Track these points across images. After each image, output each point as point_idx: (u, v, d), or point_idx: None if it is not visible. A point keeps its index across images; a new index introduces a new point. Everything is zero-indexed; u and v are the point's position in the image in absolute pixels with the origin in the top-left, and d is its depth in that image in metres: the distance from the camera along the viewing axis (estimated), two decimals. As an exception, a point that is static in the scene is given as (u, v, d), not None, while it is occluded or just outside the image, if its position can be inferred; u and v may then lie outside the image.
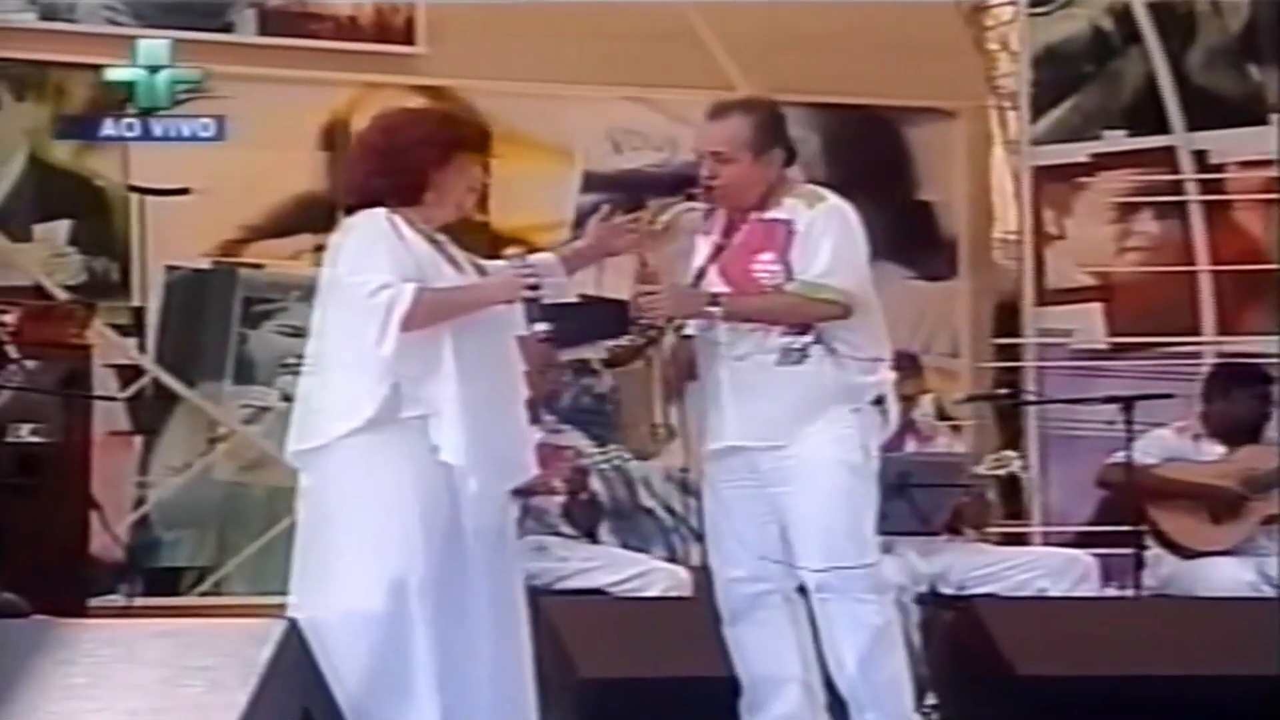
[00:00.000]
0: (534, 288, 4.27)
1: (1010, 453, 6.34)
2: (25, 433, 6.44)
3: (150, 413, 7.36)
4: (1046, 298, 7.95)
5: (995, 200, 8.32)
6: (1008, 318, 8.13)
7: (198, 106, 7.07)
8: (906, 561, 5.98)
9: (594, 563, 6.00)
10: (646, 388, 4.56)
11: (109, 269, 7.45)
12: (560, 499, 6.05)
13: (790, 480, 4.59)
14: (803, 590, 4.68)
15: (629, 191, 7.38)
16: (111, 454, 7.13)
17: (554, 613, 5.25)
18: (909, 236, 8.04)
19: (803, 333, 4.59)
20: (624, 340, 4.61)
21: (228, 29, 7.48)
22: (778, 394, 4.58)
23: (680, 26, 7.67)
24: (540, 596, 5.53)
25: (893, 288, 7.91)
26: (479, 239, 4.76)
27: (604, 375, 4.89)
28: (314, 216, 7.25)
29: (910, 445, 6.23)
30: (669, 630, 5.20)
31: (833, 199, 4.67)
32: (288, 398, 5.76)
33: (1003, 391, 7.35)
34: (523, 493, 5.74)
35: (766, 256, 4.59)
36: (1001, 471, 6.25)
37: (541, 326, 4.27)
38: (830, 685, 4.68)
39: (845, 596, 4.58)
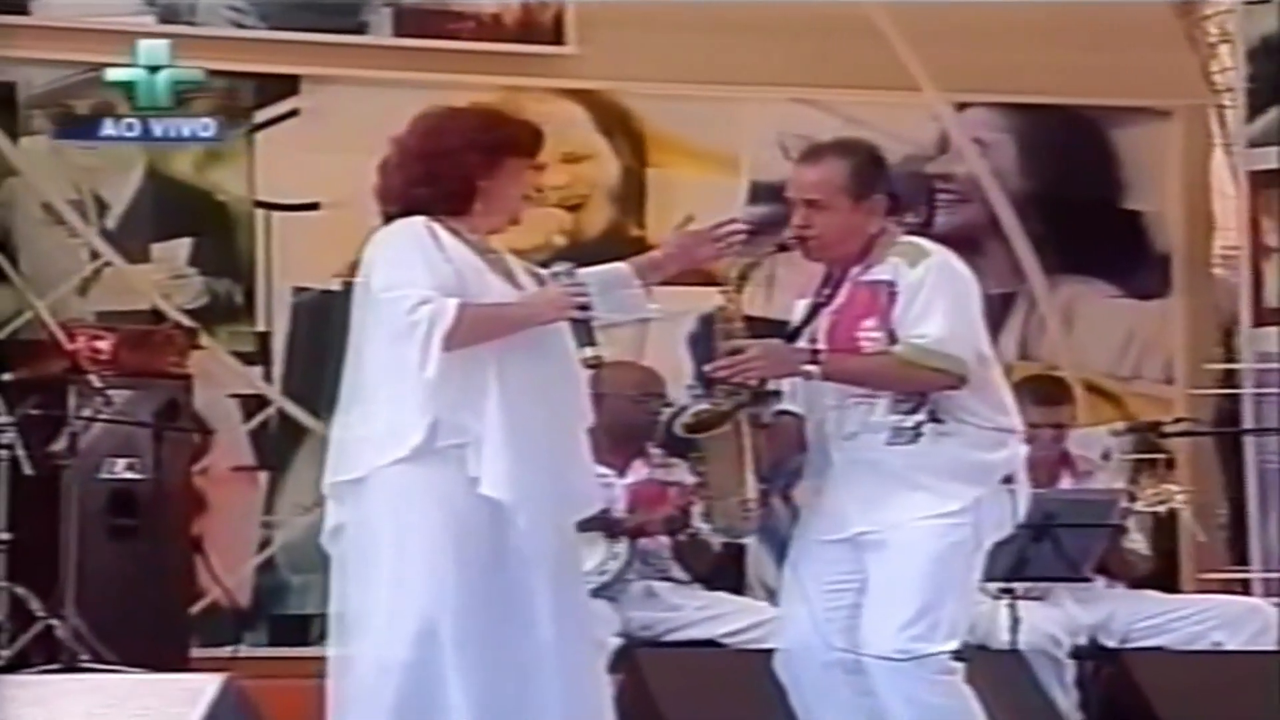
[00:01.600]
0: (584, 306, 4.11)
1: (1172, 486, 6.10)
2: (120, 468, 6.31)
3: (276, 446, 7.23)
4: (1264, 317, 7.66)
5: (1215, 209, 7.99)
6: (1222, 340, 7.88)
7: (334, 113, 7.02)
8: (1063, 611, 5.82)
9: (709, 611, 5.86)
10: (736, 459, 4.35)
11: (232, 291, 7.30)
12: (669, 540, 5.89)
13: (881, 551, 4.40)
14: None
15: None
16: (234, 491, 7.03)
17: (655, 667, 5.11)
18: (1116, 250, 7.79)
19: (915, 409, 4.40)
20: (706, 404, 4.40)
21: (361, 30, 7.34)
22: (895, 478, 4.39)
23: (857, 20, 7.48)
24: (646, 649, 5.55)
25: (1097, 306, 7.82)
26: (634, 254, 4.56)
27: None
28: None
29: (1065, 481, 6.03)
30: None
31: (937, 253, 4.47)
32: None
33: (1171, 421, 7.10)
34: (629, 533, 5.75)
35: (870, 322, 4.41)
36: (1161, 508, 5.99)
37: (590, 351, 4.10)
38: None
39: (909, 675, 4.37)
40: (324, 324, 7.21)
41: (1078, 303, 7.76)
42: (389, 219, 4.17)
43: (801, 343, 4.45)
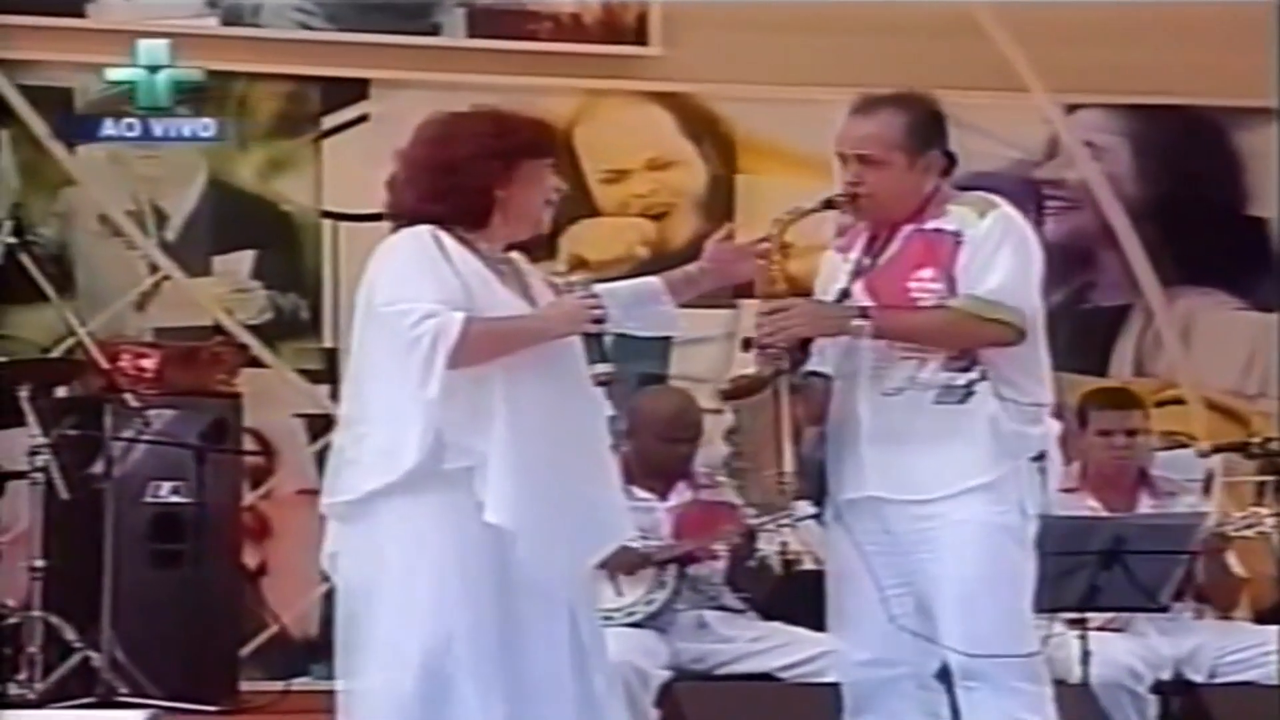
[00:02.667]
0: (600, 320, 4.02)
1: (1262, 509, 5.91)
2: (165, 492, 6.21)
3: None
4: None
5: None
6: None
7: (406, 119, 6.64)
8: (1144, 643, 5.71)
9: (764, 643, 5.71)
10: (773, 428, 4.20)
11: (298, 306, 7.21)
12: (721, 565, 5.77)
13: (934, 544, 4.24)
14: (942, 676, 4.31)
15: None
16: (299, 516, 6.86)
17: (696, 703, 5.07)
18: (1238, 259, 7.61)
19: (968, 368, 4.25)
20: (748, 369, 4.27)
21: (433, 31, 7.27)
22: (930, 439, 4.24)
23: (960, 18, 7.34)
24: (685, 683, 5.47)
25: (1218, 319, 7.60)
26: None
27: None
28: (532, 242, 6.92)
29: (1144, 503, 5.90)
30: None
31: (1007, 207, 4.35)
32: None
33: (1262, 440, 6.73)
34: (677, 560, 5.63)
35: (927, 273, 4.26)
36: (1251, 532, 5.82)
37: (603, 368, 4.00)
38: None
39: (997, 687, 4.22)
40: None
41: (1197, 316, 7.59)
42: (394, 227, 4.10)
43: (851, 302, 4.29)
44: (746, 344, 4.27)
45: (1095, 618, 5.49)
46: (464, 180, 3.99)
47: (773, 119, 7.21)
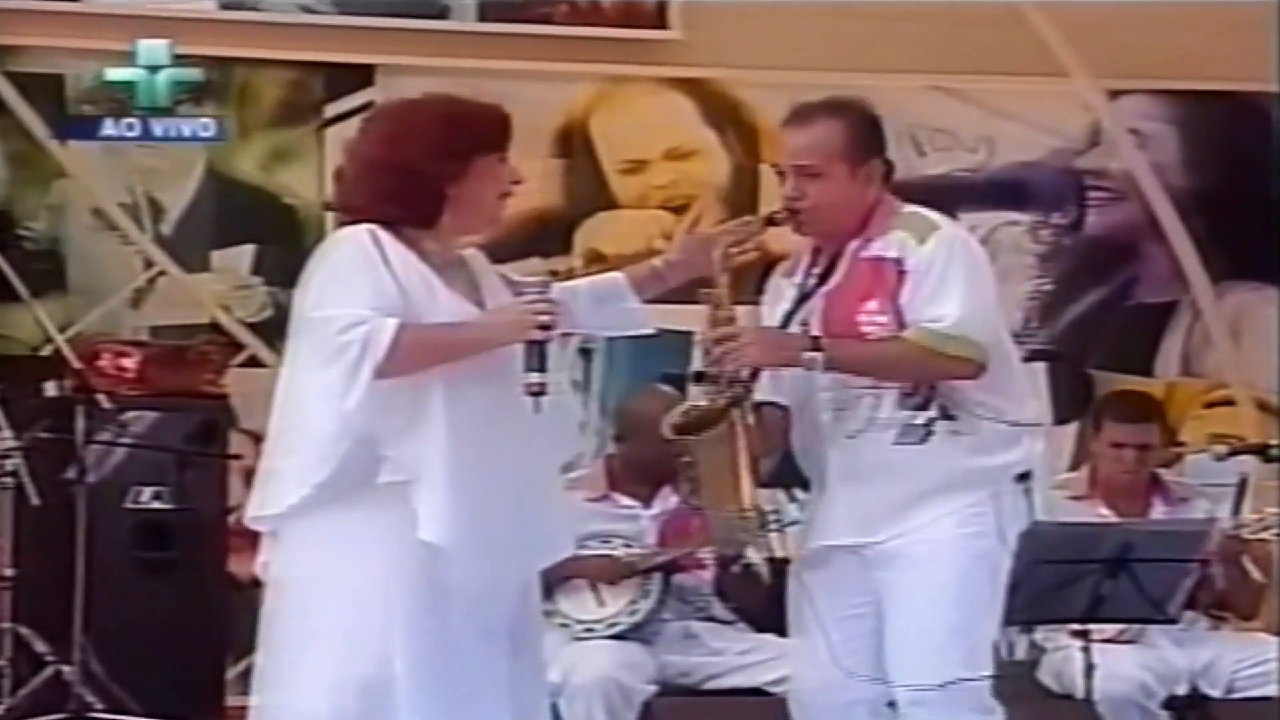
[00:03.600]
0: (548, 326, 3.91)
1: (1273, 510, 5.84)
2: (147, 497, 6.13)
3: None
4: None
5: None
6: None
7: None
8: (1158, 654, 5.68)
9: (754, 655, 5.66)
10: (730, 463, 4.18)
11: None
12: (710, 574, 5.77)
13: (897, 567, 4.25)
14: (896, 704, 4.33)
15: (933, 201, 7.12)
16: None
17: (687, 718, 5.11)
18: None
19: (925, 404, 4.24)
20: (699, 400, 4.23)
21: (441, 15, 7.19)
22: (895, 480, 4.24)
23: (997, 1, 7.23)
24: (662, 699, 5.47)
25: (1269, 316, 7.40)
26: (750, 266, 4.41)
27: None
28: (547, 236, 7.06)
29: (1157, 509, 5.89)
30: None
31: (948, 227, 4.32)
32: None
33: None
34: (663, 568, 5.59)
35: (873, 304, 4.25)
36: (1266, 534, 5.78)
37: (536, 378, 3.87)
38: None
39: (943, 717, 4.21)
40: None
41: (1247, 312, 7.44)
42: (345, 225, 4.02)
43: (795, 329, 4.27)
44: (698, 377, 4.22)
45: (1105, 629, 5.44)
46: (413, 180, 3.91)
47: None
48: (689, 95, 7.20)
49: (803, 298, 4.29)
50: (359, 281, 3.84)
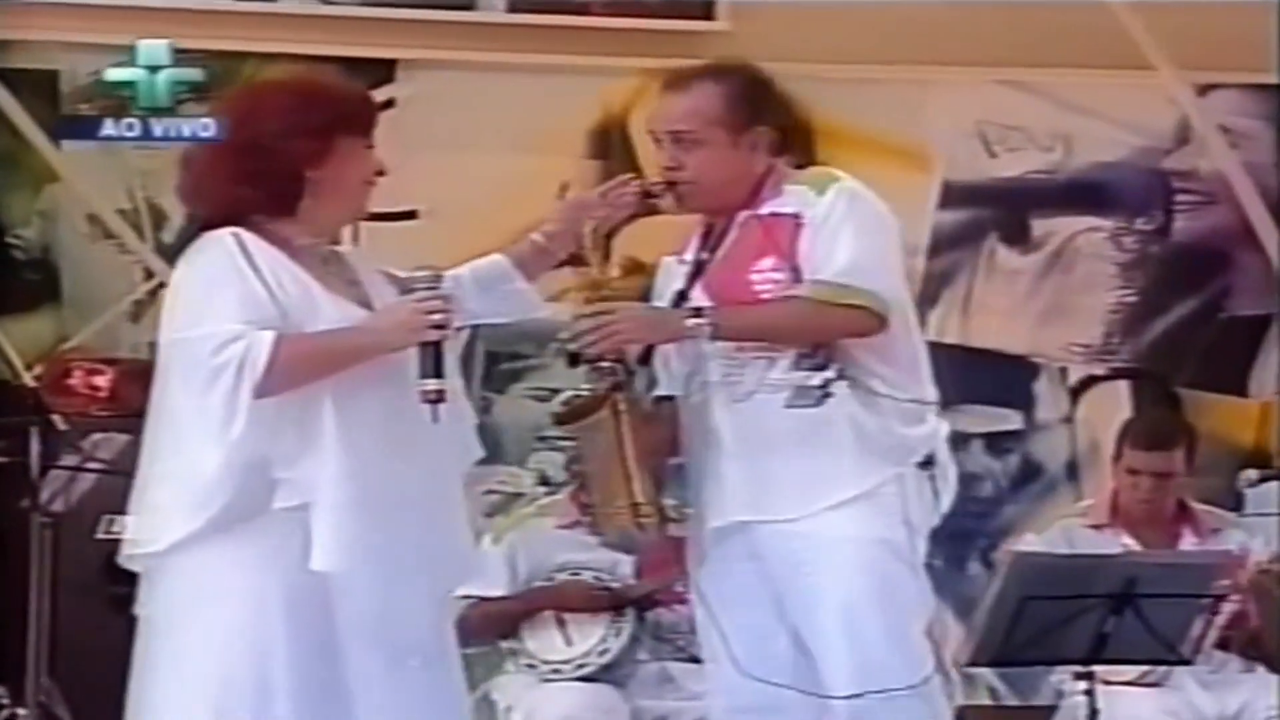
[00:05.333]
0: (442, 325, 3.81)
1: None
2: (120, 528, 5.99)
3: None
4: None
5: None
6: None
7: (437, 104, 6.89)
8: (1182, 698, 5.63)
9: None
10: (617, 453, 4.09)
11: None
12: (688, 609, 5.56)
13: (806, 567, 4.14)
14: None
15: (1005, 205, 7.27)
16: None
17: None
18: None
19: (823, 365, 4.16)
20: (581, 388, 4.17)
21: (469, 5, 7.12)
22: (790, 448, 4.15)
23: None
24: None
25: None
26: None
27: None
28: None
29: (1187, 540, 5.84)
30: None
31: (847, 179, 4.27)
32: (545, 480, 5.81)
33: None
34: (637, 603, 5.56)
35: (768, 262, 4.19)
36: None
37: (433, 384, 3.77)
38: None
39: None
40: None
41: None
42: (195, 224, 3.90)
43: (690, 304, 4.17)
44: (572, 359, 4.12)
45: (1125, 671, 5.42)
46: (270, 159, 3.84)
47: (856, 102, 6.98)
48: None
49: (695, 275, 4.20)
50: (228, 294, 3.76)
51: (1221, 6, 6.91)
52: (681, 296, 4.21)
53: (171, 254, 6.82)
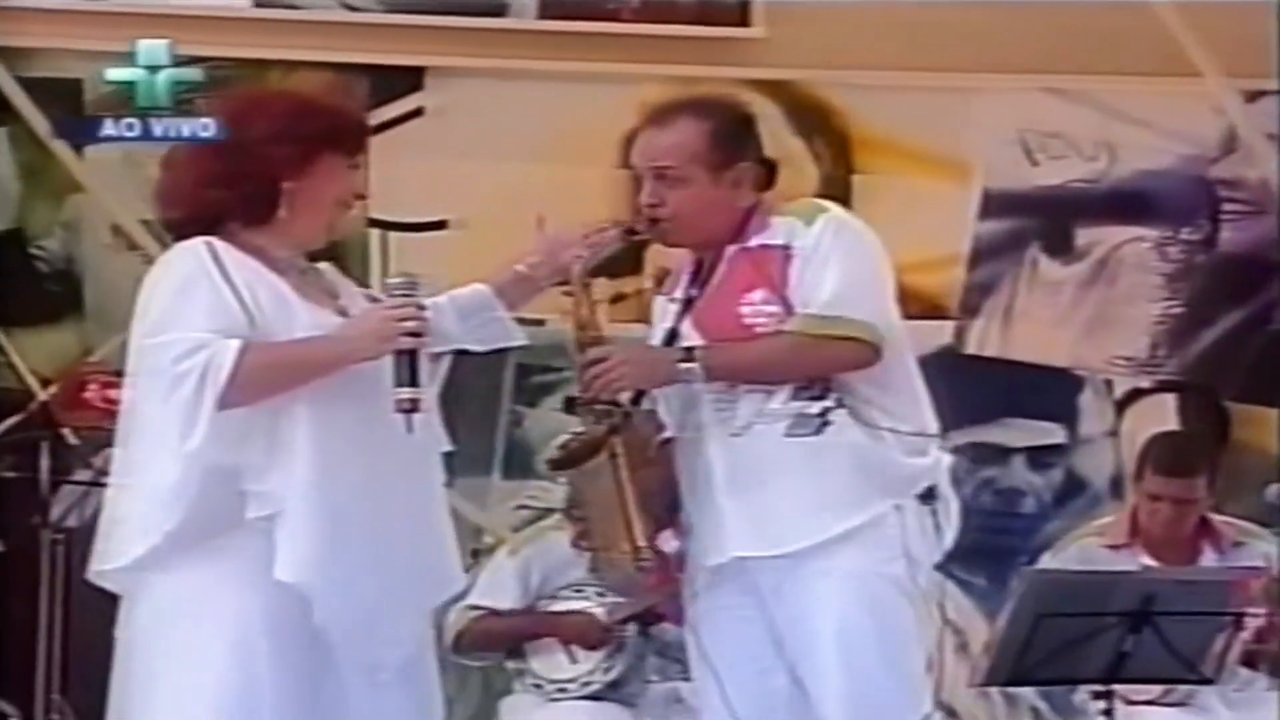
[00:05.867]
0: (417, 333, 3.80)
1: None
2: None
3: None
4: None
5: None
6: None
7: (467, 113, 6.91)
8: (1208, 716, 5.59)
9: None
10: (616, 496, 4.09)
11: None
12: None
13: (805, 603, 4.12)
14: None
15: (1047, 214, 7.22)
16: None
17: None
18: None
19: (821, 395, 4.14)
20: (577, 430, 4.19)
21: (499, 12, 7.09)
22: (789, 480, 4.13)
23: None
24: None
25: None
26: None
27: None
28: (615, 255, 6.83)
29: (1208, 556, 5.80)
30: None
31: (838, 210, 4.29)
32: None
33: None
34: (640, 619, 5.53)
35: (758, 295, 4.18)
36: None
37: (407, 393, 3.77)
38: None
39: None
40: (453, 368, 6.93)
41: None
42: (171, 229, 3.89)
43: (681, 342, 4.16)
44: (570, 403, 4.21)
45: (1148, 690, 5.40)
46: (248, 167, 3.84)
47: (894, 110, 7.03)
48: (773, 99, 6.99)
49: (684, 312, 4.21)
50: (195, 302, 3.75)
51: (1268, 10, 6.81)
52: (673, 335, 4.22)
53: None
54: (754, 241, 4.20)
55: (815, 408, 4.13)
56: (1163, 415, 6.96)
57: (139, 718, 3.83)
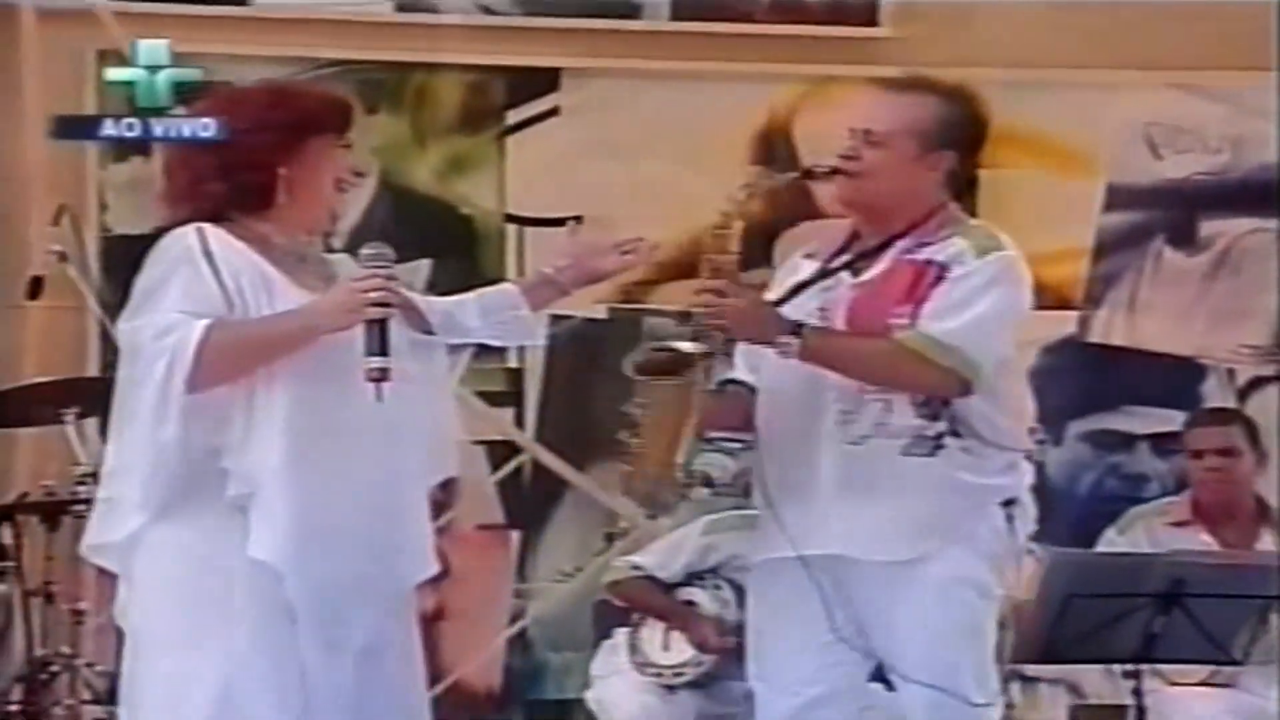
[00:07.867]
0: (385, 304, 3.78)
1: None
2: None
3: (529, 502, 7.14)
4: None
5: None
6: None
7: (601, 112, 6.95)
8: (1248, 700, 5.58)
9: None
10: (678, 415, 4.13)
11: None
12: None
13: (900, 601, 4.20)
14: None
15: (1171, 207, 7.18)
16: (480, 554, 6.96)
17: None
18: None
19: (937, 415, 4.17)
20: (668, 343, 4.18)
21: (633, 14, 7.16)
22: (899, 494, 4.18)
23: None
24: None
25: None
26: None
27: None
28: (744, 247, 6.84)
29: (1266, 539, 5.78)
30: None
31: (1011, 251, 4.21)
32: (709, 482, 5.75)
33: None
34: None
35: (905, 309, 4.18)
36: None
37: (377, 362, 3.75)
38: None
39: None
40: (588, 359, 7.06)
41: None
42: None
43: (810, 304, 4.17)
44: (684, 316, 4.19)
45: (1193, 671, 5.42)
46: (242, 155, 3.89)
47: (1021, 106, 6.95)
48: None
49: (823, 276, 4.20)
50: (175, 285, 3.78)
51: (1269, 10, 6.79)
52: (797, 290, 4.21)
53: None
54: (922, 255, 4.17)
55: (932, 430, 4.16)
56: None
57: (136, 695, 3.88)
